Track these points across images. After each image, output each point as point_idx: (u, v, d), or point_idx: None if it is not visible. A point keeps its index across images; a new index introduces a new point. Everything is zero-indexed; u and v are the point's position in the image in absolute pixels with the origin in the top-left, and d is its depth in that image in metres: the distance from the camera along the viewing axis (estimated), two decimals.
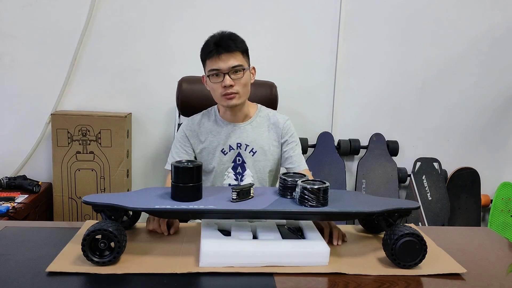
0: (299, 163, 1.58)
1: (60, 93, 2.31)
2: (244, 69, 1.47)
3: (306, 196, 1.11)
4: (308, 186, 1.11)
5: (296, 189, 1.14)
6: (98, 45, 2.31)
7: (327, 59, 2.45)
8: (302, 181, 1.13)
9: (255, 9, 2.36)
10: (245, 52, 1.50)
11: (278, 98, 1.93)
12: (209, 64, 1.46)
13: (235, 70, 1.45)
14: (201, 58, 1.51)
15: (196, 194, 1.15)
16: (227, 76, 1.44)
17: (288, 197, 1.18)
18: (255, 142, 1.57)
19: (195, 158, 1.59)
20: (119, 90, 2.37)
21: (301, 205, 1.12)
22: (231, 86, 1.45)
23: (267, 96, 1.87)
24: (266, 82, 1.92)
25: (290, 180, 1.18)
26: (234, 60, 1.45)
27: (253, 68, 1.56)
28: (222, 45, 1.44)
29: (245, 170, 1.57)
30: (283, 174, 1.23)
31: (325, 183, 1.14)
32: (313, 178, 1.22)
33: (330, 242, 1.21)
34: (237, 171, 1.57)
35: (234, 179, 1.57)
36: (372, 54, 2.47)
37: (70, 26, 2.27)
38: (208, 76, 1.48)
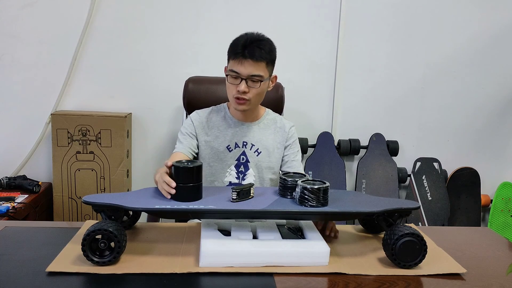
0: (297, 169, 1.59)
1: (60, 93, 2.31)
2: (262, 81, 1.46)
3: (306, 196, 1.11)
4: (308, 186, 1.11)
5: (296, 189, 1.14)
6: (98, 45, 2.31)
7: (327, 59, 2.45)
8: (302, 181, 1.13)
9: (256, 10, 2.36)
10: (270, 62, 1.48)
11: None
12: (232, 64, 1.46)
13: (253, 79, 1.45)
14: (228, 53, 1.49)
15: (196, 194, 1.15)
16: (243, 82, 1.44)
17: (288, 197, 1.18)
18: (260, 143, 1.58)
19: (197, 147, 1.59)
20: (119, 90, 2.37)
21: (301, 205, 1.12)
22: (245, 92, 1.45)
23: (273, 97, 1.86)
24: None
25: (290, 180, 1.18)
26: (255, 69, 1.43)
27: (275, 76, 1.56)
28: (249, 51, 1.42)
29: (248, 169, 1.58)
30: (283, 174, 1.23)
31: (325, 183, 1.14)
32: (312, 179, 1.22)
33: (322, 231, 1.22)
34: (239, 170, 1.58)
35: (236, 177, 1.57)
36: (372, 54, 2.47)
37: (70, 26, 2.27)
38: (227, 74, 1.48)
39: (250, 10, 2.35)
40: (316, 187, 1.11)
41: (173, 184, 1.14)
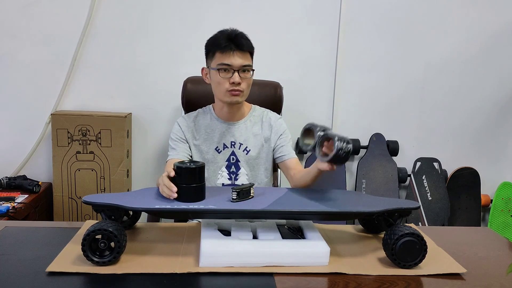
0: (288, 152, 1.59)
1: (60, 93, 2.31)
2: (253, 70, 1.50)
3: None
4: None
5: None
6: (97, 45, 2.31)
7: (327, 59, 2.45)
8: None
9: (256, 10, 2.36)
10: (252, 53, 1.52)
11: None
12: (220, 57, 1.46)
13: (244, 69, 1.47)
14: (209, 49, 1.50)
15: (199, 195, 1.15)
16: (236, 73, 1.45)
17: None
18: (248, 141, 1.59)
19: (189, 149, 1.60)
20: (119, 90, 2.37)
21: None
22: (239, 83, 1.46)
23: (271, 96, 1.86)
24: (271, 82, 1.90)
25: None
26: (245, 59, 1.47)
27: (253, 69, 1.58)
28: (236, 42, 1.44)
29: (240, 168, 1.58)
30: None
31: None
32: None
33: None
34: (231, 170, 1.58)
35: (228, 178, 1.57)
36: (372, 54, 2.47)
37: (70, 26, 2.27)
38: (217, 69, 1.47)
39: (249, 10, 2.35)
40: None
41: (174, 188, 1.14)
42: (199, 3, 2.32)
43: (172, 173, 1.16)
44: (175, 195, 1.13)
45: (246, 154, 1.58)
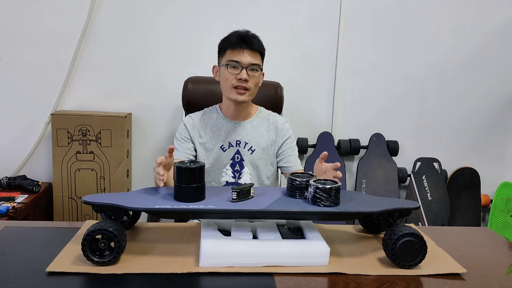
0: (295, 163, 1.61)
1: (60, 93, 2.31)
2: (261, 69, 1.52)
3: (319, 196, 1.11)
4: (320, 186, 1.11)
5: (309, 189, 1.14)
6: (98, 45, 2.31)
7: (327, 59, 2.45)
8: (314, 181, 1.14)
9: (257, 10, 2.36)
10: (263, 55, 1.55)
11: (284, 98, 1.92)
12: (230, 54, 1.49)
13: (253, 67, 1.49)
14: (221, 47, 1.54)
15: (199, 195, 1.15)
16: (244, 70, 1.48)
17: (298, 197, 1.18)
18: (254, 141, 1.59)
19: (195, 150, 1.60)
20: (119, 90, 2.37)
21: (314, 205, 1.12)
22: (246, 80, 1.48)
23: (272, 96, 1.86)
24: (272, 83, 1.91)
25: (299, 180, 1.18)
26: (254, 58, 1.49)
27: (263, 73, 1.59)
28: (248, 41, 1.48)
29: (243, 167, 1.59)
30: (292, 174, 1.22)
31: (336, 182, 1.14)
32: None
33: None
34: (235, 169, 1.59)
35: (232, 176, 1.58)
36: (372, 54, 2.47)
37: (70, 26, 2.27)
38: (226, 65, 1.50)
39: (250, 9, 2.36)
40: (328, 186, 1.11)
41: (161, 171, 1.20)
42: (199, 3, 2.32)
43: (159, 160, 1.22)
44: (163, 178, 1.18)
45: (251, 153, 1.59)
